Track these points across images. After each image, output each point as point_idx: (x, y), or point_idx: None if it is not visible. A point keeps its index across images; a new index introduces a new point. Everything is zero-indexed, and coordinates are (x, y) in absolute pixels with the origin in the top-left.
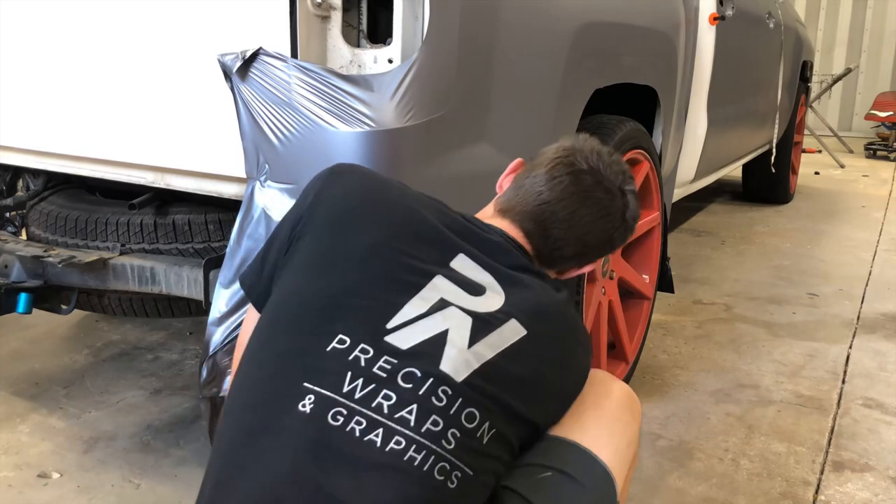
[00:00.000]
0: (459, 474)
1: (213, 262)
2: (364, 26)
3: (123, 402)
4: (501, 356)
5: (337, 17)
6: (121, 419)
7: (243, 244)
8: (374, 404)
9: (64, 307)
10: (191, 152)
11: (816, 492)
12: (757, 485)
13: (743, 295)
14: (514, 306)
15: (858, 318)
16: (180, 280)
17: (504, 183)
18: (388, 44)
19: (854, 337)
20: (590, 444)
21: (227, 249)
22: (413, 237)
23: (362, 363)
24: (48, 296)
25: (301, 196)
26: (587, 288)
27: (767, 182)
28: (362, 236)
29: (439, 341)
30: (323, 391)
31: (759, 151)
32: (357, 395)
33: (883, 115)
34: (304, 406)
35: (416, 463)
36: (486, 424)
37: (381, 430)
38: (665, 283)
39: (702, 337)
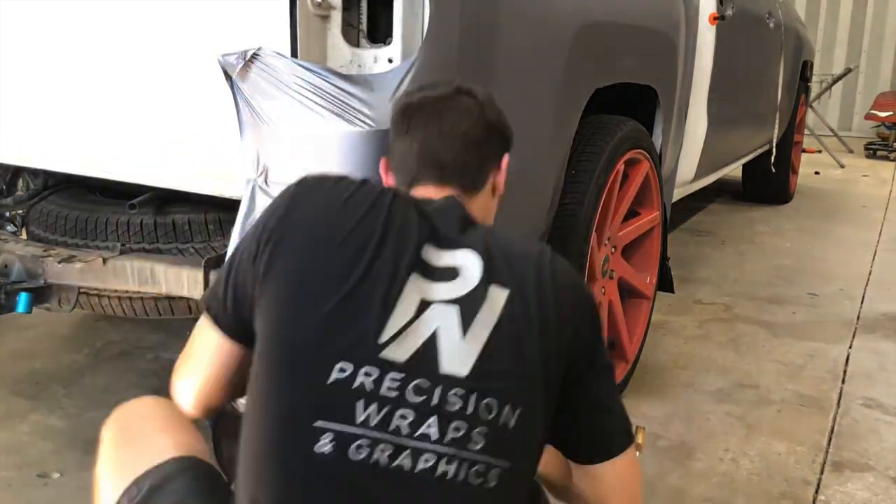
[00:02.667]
0: (497, 470)
1: (213, 262)
2: (364, 26)
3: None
4: (497, 328)
5: (337, 17)
6: None
7: None
8: (391, 427)
9: (64, 307)
10: (190, 152)
11: (816, 492)
12: (757, 485)
13: (743, 295)
14: (490, 269)
15: (858, 318)
16: (180, 280)
17: (388, 179)
18: (388, 43)
19: (854, 337)
20: None
21: (229, 250)
22: (380, 246)
23: (369, 387)
24: (48, 296)
25: (261, 221)
26: None
27: (767, 182)
28: (333, 258)
29: (431, 345)
30: (338, 426)
31: (759, 151)
32: (373, 422)
33: (883, 114)
34: (321, 447)
35: (448, 476)
36: (508, 407)
37: (407, 453)
38: (665, 282)
39: (702, 337)
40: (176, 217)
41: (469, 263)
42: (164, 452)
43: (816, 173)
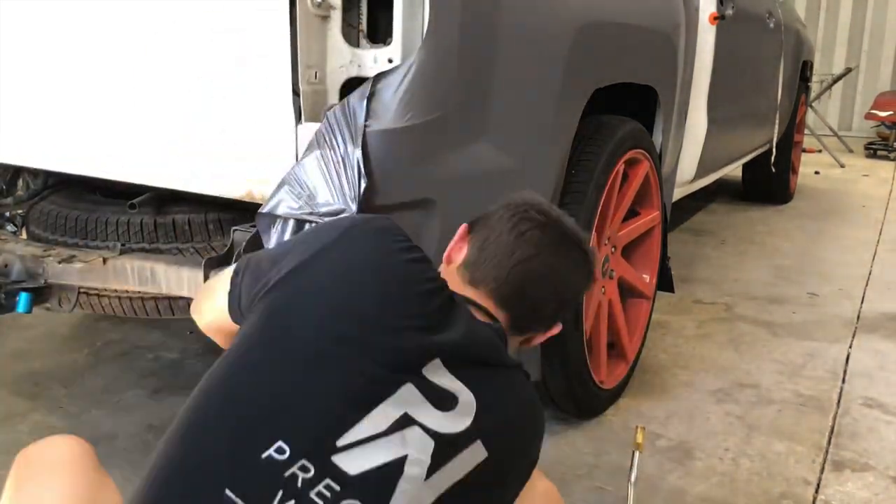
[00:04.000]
0: None
1: (213, 262)
2: (364, 26)
3: (123, 401)
4: (459, 485)
5: (337, 17)
6: (121, 419)
7: None
8: None
9: (64, 307)
10: (190, 152)
11: (816, 491)
12: (757, 484)
13: (743, 295)
14: (482, 423)
15: (858, 317)
16: (180, 280)
17: (454, 253)
18: (388, 44)
19: (854, 337)
20: None
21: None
22: (386, 331)
23: (299, 483)
24: (48, 296)
25: (285, 249)
26: None
27: (767, 182)
28: (330, 325)
29: (394, 471)
30: None
31: (759, 151)
32: None
33: (883, 114)
34: None
35: None
36: None
37: None
38: (665, 282)
39: (702, 336)
40: (176, 217)
41: (467, 401)
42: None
43: (816, 173)
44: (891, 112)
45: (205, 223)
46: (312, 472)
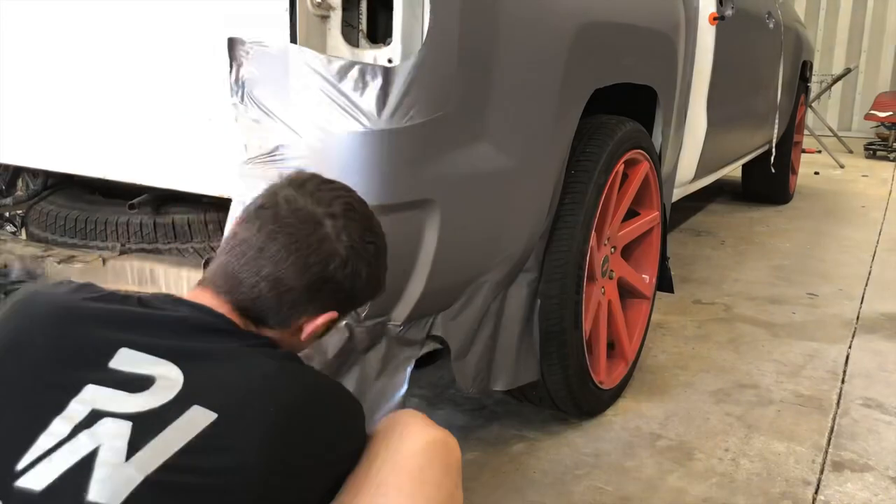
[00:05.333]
0: None
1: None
2: (364, 26)
3: None
4: (182, 453)
5: (336, 17)
6: None
7: None
8: None
9: None
10: (190, 152)
11: (816, 492)
12: (757, 485)
13: (743, 295)
14: (196, 389)
15: (858, 318)
16: (180, 280)
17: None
18: (388, 44)
19: (854, 337)
20: None
21: None
22: (56, 354)
23: None
24: None
25: None
26: (587, 288)
27: (767, 182)
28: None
29: (85, 466)
30: None
31: (759, 151)
32: None
33: (883, 115)
34: None
35: None
36: None
37: None
38: (665, 283)
39: (702, 337)
40: (175, 217)
41: (169, 376)
42: None
43: (816, 173)
44: (890, 112)
45: (204, 223)
46: None
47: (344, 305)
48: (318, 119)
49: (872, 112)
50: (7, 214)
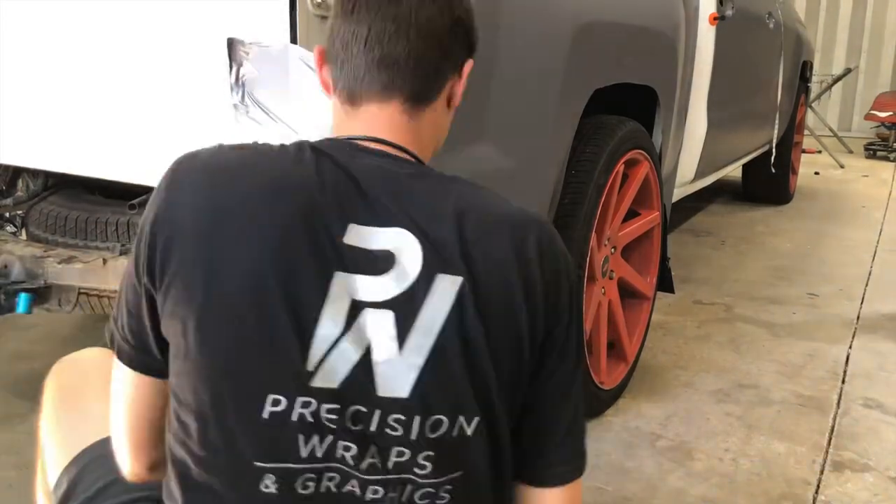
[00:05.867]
0: (449, 486)
1: None
2: None
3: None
4: (443, 332)
5: None
6: None
7: None
8: (337, 457)
9: (64, 307)
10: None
11: (816, 492)
12: (757, 485)
13: (743, 295)
14: (433, 254)
15: (858, 318)
16: None
17: (324, 76)
18: None
19: (854, 337)
20: None
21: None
22: (291, 239)
23: (309, 418)
24: (48, 296)
25: (143, 219)
26: (587, 288)
27: (767, 182)
28: (237, 265)
29: (367, 362)
30: (281, 465)
31: (759, 151)
32: (319, 454)
33: (883, 115)
34: (266, 487)
35: (396, 502)
36: (461, 419)
37: (354, 482)
38: (665, 283)
39: (702, 337)
40: None
41: (406, 246)
42: (101, 429)
43: (816, 174)
44: (890, 113)
45: None
46: (313, 403)
47: (471, 51)
48: (318, 119)
49: (872, 112)
50: (7, 214)
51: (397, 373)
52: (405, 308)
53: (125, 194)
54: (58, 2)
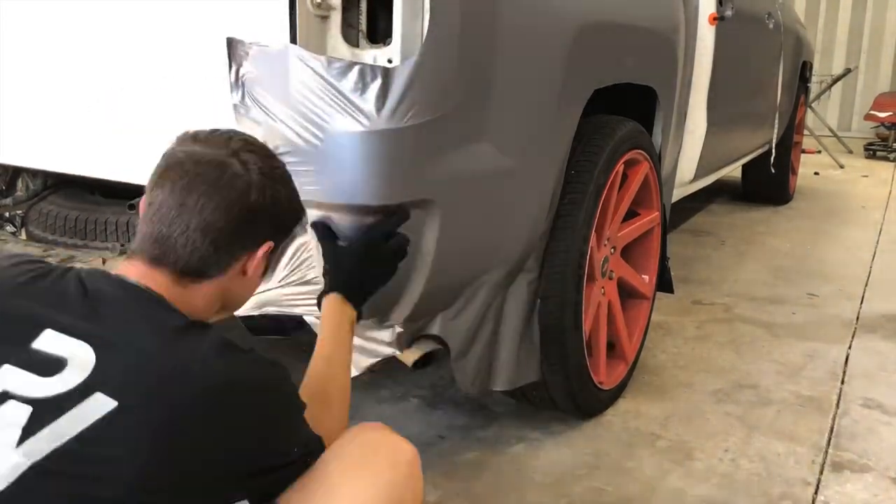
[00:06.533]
0: None
1: None
2: (363, 26)
3: None
4: (75, 441)
5: (336, 17)
6: None
7: None
8: None
9: None
10: None
11: (816, 492)
12: (756, 485)
13: (743, 295)
14: (104, 375)
15: (858, 318)
16: None
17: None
18: (388, 44)
19: (854, 337)
20: None
21: None
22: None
23: None
24: None
25: None
26: (587, 288)
27: (767, 182)
28: None
29: None
30: None
31: (759, 152)
32: None
33: (882, 115)
34: None
35: None
36: None
37: None
38: (665, 283)
39: (702, 337)
40: None
41: (82, 358)
42: None
43: (816, 174)
44: (890, 113)
45: None
46: None
47: (275, 233)
48: (318, 119)
49: (872, 112)
50: (7, 214)
51: (2, 465)
52: (45, 411)
53: (125, 194)
54: (58, 2)
